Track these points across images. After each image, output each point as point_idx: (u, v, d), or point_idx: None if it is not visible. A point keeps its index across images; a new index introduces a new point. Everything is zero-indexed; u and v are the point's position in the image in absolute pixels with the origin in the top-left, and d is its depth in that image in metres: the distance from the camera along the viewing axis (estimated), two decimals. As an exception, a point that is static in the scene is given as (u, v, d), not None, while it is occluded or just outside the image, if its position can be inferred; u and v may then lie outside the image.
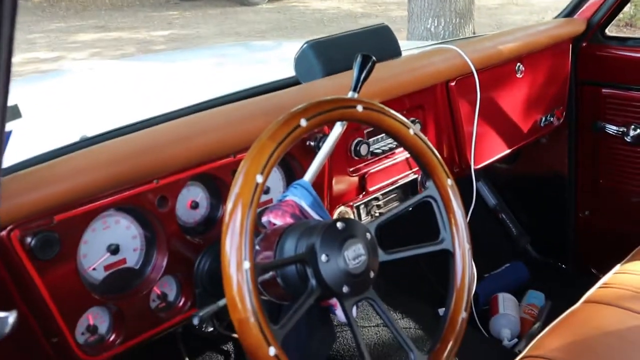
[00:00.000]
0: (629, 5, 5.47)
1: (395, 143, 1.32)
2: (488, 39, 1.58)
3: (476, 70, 1.43)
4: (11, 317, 0.58)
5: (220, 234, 0.78)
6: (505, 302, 1.78)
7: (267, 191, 1.14)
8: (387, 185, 1.37)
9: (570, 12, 1.79)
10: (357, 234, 0.84)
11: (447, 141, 1.48)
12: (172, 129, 1.02)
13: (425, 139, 0.94)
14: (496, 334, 1.73)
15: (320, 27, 7.50)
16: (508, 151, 1.64)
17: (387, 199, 1.40)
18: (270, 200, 1.15)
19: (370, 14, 8.17)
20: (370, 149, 1.30)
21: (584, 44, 1.80)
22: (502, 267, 1.96)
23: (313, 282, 0.80)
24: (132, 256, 0.99)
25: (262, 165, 0.76)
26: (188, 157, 0.99)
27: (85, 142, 1.02)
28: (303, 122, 0.81)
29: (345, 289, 0.81)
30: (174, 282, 1.03)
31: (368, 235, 0.85)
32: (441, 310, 1.60)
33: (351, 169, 1.29)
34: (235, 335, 1.55)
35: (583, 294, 1.30)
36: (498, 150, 1.62)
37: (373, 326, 1.54)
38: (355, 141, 1.27)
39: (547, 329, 1.22)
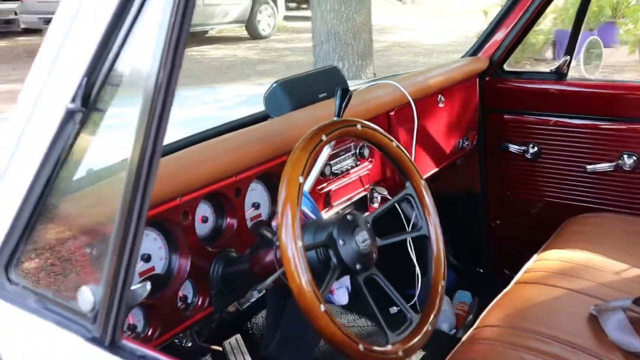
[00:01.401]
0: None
1: (349, 165, 1.57)
2: (417, 75, 1.88)
3: (413, 101, 1.71)
4: (148, 285, 0.75)
5: (227, 243, 0.95)
6: (441, 302, 2.05)
7: (257, 207, 1.35)
8: (345, 201, 1.61)
9: (475, 51, 2.14)
10: (361, 224, 1.07)
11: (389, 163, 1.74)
12: (188, 155, 1.21)
13: (404, 150, 1.19)
14: (437, 329, 2.00)
15: (220, 74, 7.72)
16: (436, 170, 1.93)
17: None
18: (260, 215, 1.36)
19: (266, 60, 8.51)
20: (332, 170, 1.53)
21: (487, 78, 2.14)
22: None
23: (334, 260, 1.02)
24: (159, 264, 1.16)
25: (301, 170, 0.98)
26: (204, 178, 1.18)
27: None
28: (324, 137, 1.04)
29: (358, 266, 1.04)
30: (191, 286, 1.21)
31: (368, 225, 1.09)
32: (393, 309, 1.85)
33: (319, 187, 1.52)
34: (214, 347, 1.72)
35: (501, 290, 1.58)
36: (428, 170, 1.90)
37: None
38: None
39: (487, 308, 1.49)
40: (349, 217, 1.06)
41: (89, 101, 0.75)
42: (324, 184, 1.53)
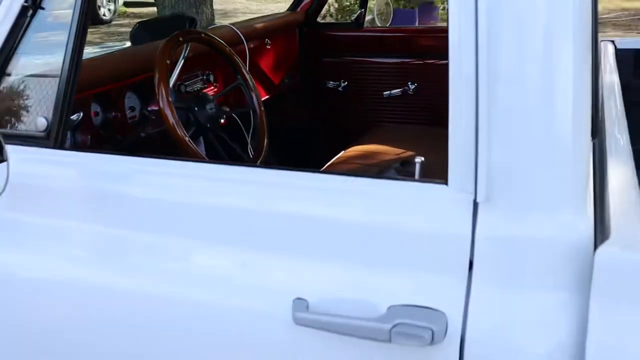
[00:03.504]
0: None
1: (199, 87, 2.06)
2: (249, 21, 2.40)
3: (245, 41, 2.23)
4: (81, 113, 1.21)
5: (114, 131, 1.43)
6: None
7: (133, 109, 1.80)
8: None
9: (294, 8, 2.70)
10: (210, 99, 1.58)
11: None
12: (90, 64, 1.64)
13: (235, 54, 1.71)
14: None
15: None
16: (266, 97, 2.47)
17: None
18: (135, 116, 1.82)
19: (111, 46, 8.67)
20: (186, 89, 2.01)
21: (305, 29, 2.71)
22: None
23: (192, 119, 1.53)
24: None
25: (167, 56, 1.47)
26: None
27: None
28: (180, 39, 1.53)
29: (208, 125, 1.55)
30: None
31: (215, 101, 1.61)
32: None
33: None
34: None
35: None
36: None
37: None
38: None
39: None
40: (200, 94, 1.57)
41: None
42: (179, 100, 2.02)
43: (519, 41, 0.83)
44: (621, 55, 2.30)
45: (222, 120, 1.60)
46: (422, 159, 1.02)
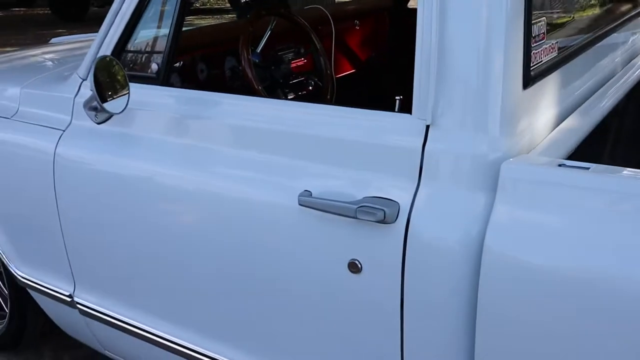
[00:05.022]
0: None
1: (291, 57, 2.49)
2: (342, 4, 2.81)
3: (333, 21, 2.63)
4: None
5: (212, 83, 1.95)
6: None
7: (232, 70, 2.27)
8: None
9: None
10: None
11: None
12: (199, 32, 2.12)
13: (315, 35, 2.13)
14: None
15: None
16: (352, 71, 2.86)
17: None
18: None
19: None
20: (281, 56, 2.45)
21: (395, 13, 3.07)
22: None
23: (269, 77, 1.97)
24: None
25: (250, 25, 1.92)
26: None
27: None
28: (263, 12, 1.98)
29: (282, 81, 1.99)
30: None
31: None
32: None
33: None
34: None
35: None
36: (345, 70, 2.83)
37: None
38: None
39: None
40: (278, 57, 1.99)
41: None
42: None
43: (462, 14, 1.18)
44: None
45: (293, 77, 2.02)
46: (401, 97, 1.38)
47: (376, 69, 3.08)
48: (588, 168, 1.10)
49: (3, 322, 2.37)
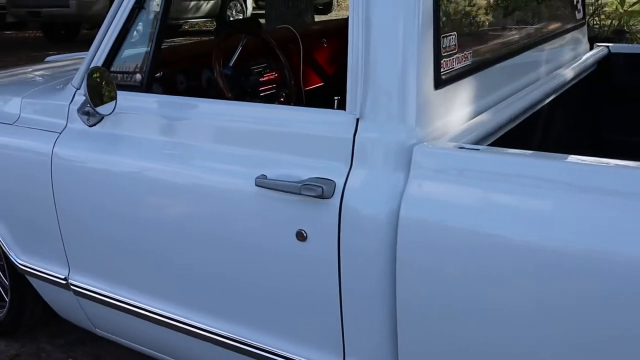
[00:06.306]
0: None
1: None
2: (311, 24, 3.12)
3: (301, 39, 2.92)
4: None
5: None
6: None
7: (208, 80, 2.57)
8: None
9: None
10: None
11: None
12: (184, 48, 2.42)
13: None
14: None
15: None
16: (320, 84, 3.16)
17: None
18: None
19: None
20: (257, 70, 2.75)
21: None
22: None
23: (239, 86, 2.26)
24: None
25: (222, 42, 2.21)
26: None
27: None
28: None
29: (250, 90, 2.28)
30: None
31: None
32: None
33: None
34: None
35: None
36: (314, 84, 3.13)
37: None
38: None
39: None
40: (248, 70, 2.29)
41: None
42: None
43: (383, 30, 1.48)
44: (614, 58, 2.82)
45: (263, 87, 2.32)
46: (339, 97, 1.69)
47: (342, 82, 3.38)
48: (478, 149, 1.40)
49: (3, 311, 2.63)
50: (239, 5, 12.02)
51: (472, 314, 1.36)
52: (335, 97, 1.67)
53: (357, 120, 1.52)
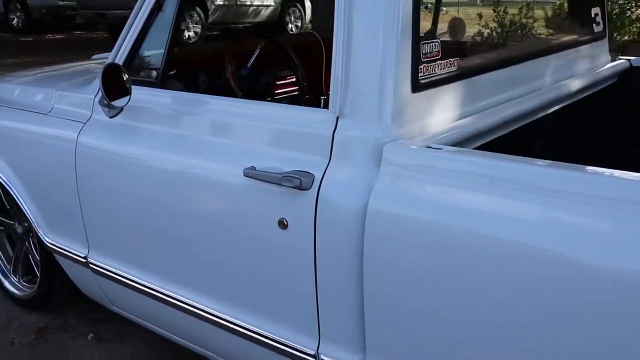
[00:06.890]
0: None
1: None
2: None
3: (323, 43, 3.05)
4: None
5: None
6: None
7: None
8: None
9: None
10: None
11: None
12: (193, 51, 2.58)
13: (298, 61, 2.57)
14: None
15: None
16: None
17: None
18: None
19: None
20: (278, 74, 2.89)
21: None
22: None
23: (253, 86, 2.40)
24: None
25: (234, 44, 2.36)
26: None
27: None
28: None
29: (262, 89, 2.42)
30: None
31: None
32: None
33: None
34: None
35: None
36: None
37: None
38: None
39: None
40: (261, 71, 2.43)
41: None
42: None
43: (364, 37, 1.59)
44: (636, 71, 2.84)
45: (277, 88, 2.46)
46: (325, 96, 1.80)
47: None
48: (441, 149, 1.49)
49: (34, 287, 2.85)
50: (297, 11, 12.25)
51: (433, 307, 1.45)
52: (322, 97, 1.79)
53: (337, 118, 1.63)
